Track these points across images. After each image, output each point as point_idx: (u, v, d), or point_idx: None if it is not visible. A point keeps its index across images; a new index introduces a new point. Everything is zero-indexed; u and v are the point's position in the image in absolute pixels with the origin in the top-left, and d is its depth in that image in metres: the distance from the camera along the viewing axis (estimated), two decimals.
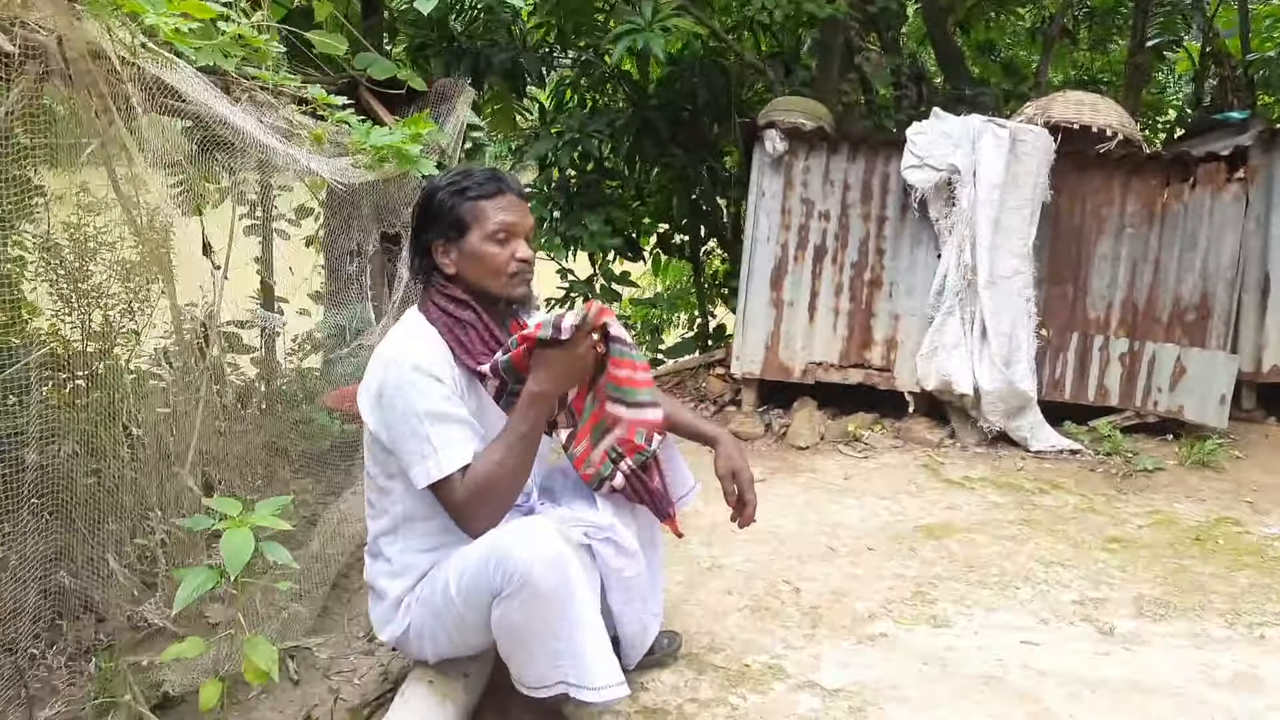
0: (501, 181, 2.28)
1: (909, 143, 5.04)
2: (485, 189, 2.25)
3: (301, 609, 3.17)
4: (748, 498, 2.63)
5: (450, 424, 2.14)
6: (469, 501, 2.12)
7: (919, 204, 5.14)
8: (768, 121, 5.33)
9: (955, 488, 4.53)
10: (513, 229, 2.25)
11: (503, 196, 2.26)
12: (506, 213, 2.25)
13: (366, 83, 3.94)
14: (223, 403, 3.89)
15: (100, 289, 4.88)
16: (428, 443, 2.11)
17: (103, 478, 3.18)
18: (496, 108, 8.54)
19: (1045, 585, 3.44)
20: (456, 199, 2.26)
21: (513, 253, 2.25)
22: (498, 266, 2.25)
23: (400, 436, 2.14)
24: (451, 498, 2.13)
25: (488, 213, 2.24)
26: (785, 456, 5.03)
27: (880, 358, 5.36)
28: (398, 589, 2.32)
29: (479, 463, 2.13)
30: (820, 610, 3.22)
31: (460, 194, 2.26)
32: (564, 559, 2.10)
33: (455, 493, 2.12)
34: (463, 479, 2.11)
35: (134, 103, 2.14)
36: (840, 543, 3.82)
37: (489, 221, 2.23)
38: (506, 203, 2.26)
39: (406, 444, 2.13)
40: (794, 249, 5.40)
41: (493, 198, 2.25)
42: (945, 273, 5.06)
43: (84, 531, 2.99)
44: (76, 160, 2.90)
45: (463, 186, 2.26)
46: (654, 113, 7.56)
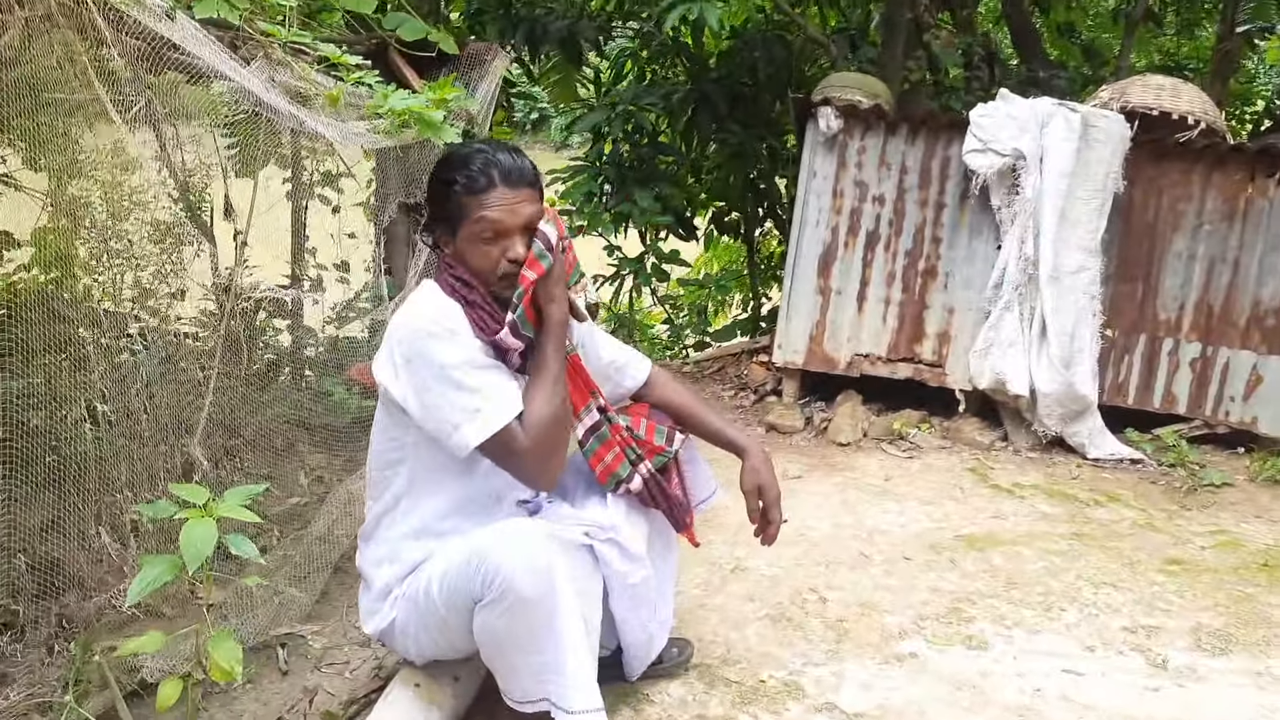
0: (495, 168, 2.04)
1: (972, 125, 4.75)
2: (473, 183, 2.03)
3: (299, 594, 3.03)
4: (773, 516, 2.46)
5: (492, 372, 2.01)
6: (536, 447, 1.99)
7: (980, 191, 4.84)
8: (822, 98, 5.07)
9: (1003, 495, 4.26)
10: (500, 227, 2.03)
11: (493, 190, 2.02)
12: (495, 210, 2.03)
13: (396, 44, 3.75)
14: (243, 372, 3.78)
15: (132, 250, 4.82)
16: (476, 394, 1.96)
17: (102, 446, 3.07)
18: (556, 78, 8.40)
19: (1094, 608, 3.18)
20: (444, 191, 2.07)
21: (503, 252, 2.05)
22: (484, 269, 2.06)
23: (437, 398, 1.97)
24: (515, 447, 1.98)
25: (472, 211, 2.03)
26: (824, 453, 4.79)
27: (931, 352, 5.09)
28: (385, 577, 2.18)
29: (533, 405, 2.01)
30: (847, 624, 3.00)
31: (449, 185, 2.06)
32: (551, 566, 1.94)
33: (518, 441, 1.97)
34: (521, 425, 1.98)
35: (115, 52, 1.96)
36: (875, 549, 3.59)
37: (473, 221, 2.03)
38: (497, 197, 2.03)
39: (446, 404, 1.97)
40: (844, 234, 5.14)
41: (481, 193, 2.03)
42: (1005, 265, 4.77)
43: (77, 503, 2.88)
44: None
45: (448, 178, 2.06)
46: (712, 87, 7.35)
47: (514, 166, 2.06)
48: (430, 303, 2.09)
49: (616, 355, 2.51)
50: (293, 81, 3.06)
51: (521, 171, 2.07)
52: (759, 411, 5.39)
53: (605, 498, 2.37)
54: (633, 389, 2.54)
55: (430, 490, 2.14)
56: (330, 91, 3.07)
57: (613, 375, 2.50)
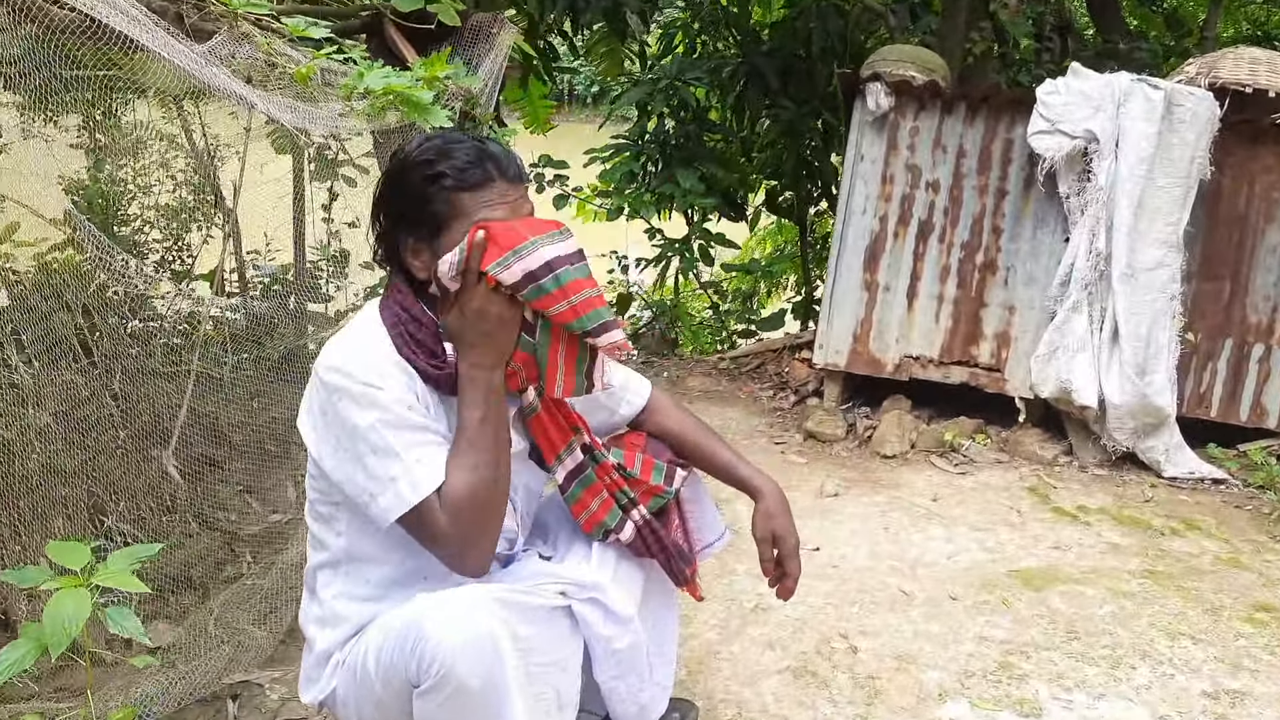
0: (490, 163, 1.70)
1: (1039, 104, 4.27)
2: (468, 176, 1.68)
3: (260, 633, 2.71)
4: (790, 569, 2.09)
5: (415, 433, 1.66)
6: (455, 528, 1.64)
7: (1046, 177, 4.36)
8: (871, 73, 4.61)
9: (1066, 520, 3.81)
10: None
11: (490, 186, 1.69)
12: (493, 208, 1.68)
13: (391, 16, 3.40)
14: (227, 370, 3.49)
15: (142, 231, 4.63)
16: (393, 460, 1.63)
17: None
18: (603, 51, 8.07)
19: (1169, 666, 2.75)
20: (430, 187, 1.69)
21: None
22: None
23: (351, 461, 1.66)
24: (433, 526, 1.63)
25: (469, 209, 1.68)
26: (867, 466, 4.37)
27: (989, 355, 4.63)
28: (326, 641, 1.86)
29: (451, 476, 1.64)
30: (879, 681, 2.62)
31: (434, 180, 1.69)
32: (498, 648, 1.60)
33: (437, 519, 1.63)
34: (440, 500, 1.63)
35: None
36: (917, 586, 3.19)
37: (469, 221, 1.67)
38: (494, 195, 1.69)
39: (361, 469, 1.65)
40: (894, 224, 4.70)
41: (477, 188, 1.68)
42: (1073, 260, 4.29)
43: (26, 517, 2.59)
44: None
45: (438, 171, 1.69)
46: (763, 60, 6.97)
47: (506, 158, 1.73)
48: (360, 341, 1.73)
49: (610, 379, 2.15)
50: (259, 57, 2.73)
51: (516, 165, 1.74)
52: (798, 415, 4.98)
53: (592, 545, 2.02)
54: (630, 416, 2.18)
55: (372, 554, 1.80)
56: (299, 69, 2.72)
57: (605, 402, 2.13)
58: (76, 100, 2.94)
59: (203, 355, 3.38)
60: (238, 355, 3.67)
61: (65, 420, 2.93)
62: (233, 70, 2.41)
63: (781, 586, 2.11)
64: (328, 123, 2.60)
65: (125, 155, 4.25)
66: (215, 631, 2.67)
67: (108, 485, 2.94)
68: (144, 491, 3.03)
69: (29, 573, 1.60)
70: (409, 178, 1.72)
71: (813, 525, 3.66)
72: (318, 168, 4.07)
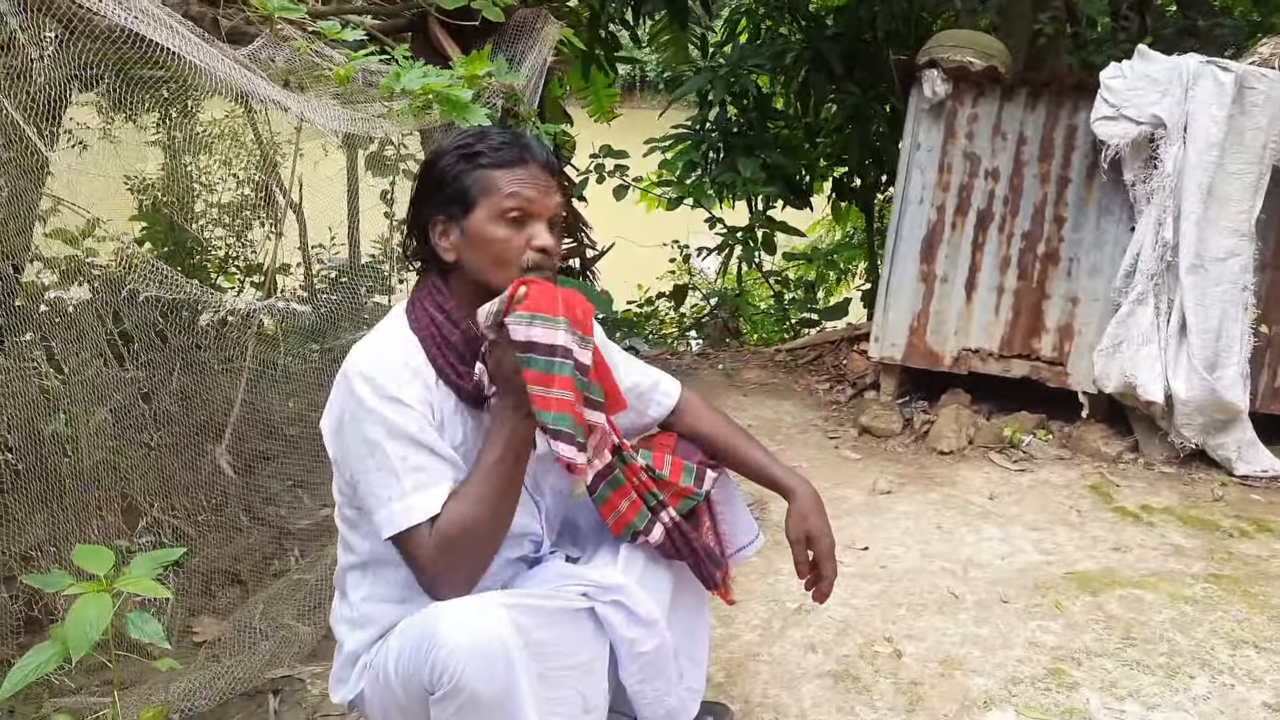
0: (525, 148, 1.76)
1: (1103, 88, 4.11)
2: (501, 155, 1.74)
3: (304, 628, 2.76)
4: (825, 571, 2.07)
5: (421, 456, 1.67)
6: (440, 558, 1.65)
7: (1111, 164, 4.19)
8: (928, 59, 4.49)
9: (1128, 520, 3.69)
10: (531, 208, 1.74)
11: (523, 167, 1.74)
12: (525, 187, 1.73)
13: (436, 13, 3.40)
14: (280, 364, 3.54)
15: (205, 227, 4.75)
16: (394, 482, 1.65)
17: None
18: (667, 39, 8.03)
19: (1229, 676, 2.64)
20: (463, 165, 1.75)
21: (528, 238, 1.74)
22: (506, 255, 1.73)
23: (361, 472, 1.70)
24: (418, 553, 1.66)
25: (500, 185, 1.73)
26: (922, 462, 4.28)
27: (1051, 348, 4.49)
28: (355, 643, 1.88)
29: (451, 505, 1.66)
30: (922, 687, 2.56)
31: (469, 159, 1.75)
32: (506, 653, 1.60)
33: (420, 549, 1.65)
34: (430, 530, 1.64)
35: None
36: (967, 588, 3.11)
37: (501, 196, 1.72)
38: (527, 175, 1.74)
39: (366, 482, 1.69)
40: (952, 213, 4.58)
41: (510, 167, 1.74)
42: (1138, 250, 4.13)
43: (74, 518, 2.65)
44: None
45: (474, 150, 1.75)
46: (828, 44, 6.84)
47: (540, 148, 1.80)
48: (384, 348, 1.76)
49: (640, 380, 2.14)
50: (301, 59, 2.75)
51: (548, 157, 1.80)
52: (854, 409, 4.90)
53: (620, 546, 2.01)
54: (659, 418, 2.17)
55: (393, 557, 1.80)
56: (339, 70, 2.74)
57: (635, 404, 2.12)
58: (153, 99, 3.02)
59: (264, 350, 3.44)
60: (301, 349, 3.74)
61: (125, 415, 3.00)
62: (271, 74, 2.43)
63: (817, 590, 2.08)
64: (365, 124, 2.60)
65: (197, 153, 4.36)
66: (260, 626, 2.72)
67: (162, 479, 3.01)
68: (196, 486, 3.09)
69: (53, 577, 1.65)
70: (443, 162, 1.78)
71: (864, 523, 3.60)
72: (374, 164, 4.12)
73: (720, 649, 2.73)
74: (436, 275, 1.81)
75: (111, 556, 1.66)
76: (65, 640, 1.50)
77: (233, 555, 3.02)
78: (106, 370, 2.93)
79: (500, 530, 1.73)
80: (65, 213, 2.82)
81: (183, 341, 3.11)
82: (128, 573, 1.64)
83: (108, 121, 3.44)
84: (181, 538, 2.91)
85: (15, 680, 1.53)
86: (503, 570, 1.90)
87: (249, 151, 4.49)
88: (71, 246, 2.98)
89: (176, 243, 4.35)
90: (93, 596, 1.57)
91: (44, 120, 2.30)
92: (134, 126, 3.59)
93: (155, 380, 3.10)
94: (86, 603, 1.55)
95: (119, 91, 2.44)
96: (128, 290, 2.86)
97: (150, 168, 4.29)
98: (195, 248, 4.48)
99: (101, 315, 2.86)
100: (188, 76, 2.22)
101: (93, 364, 2.78)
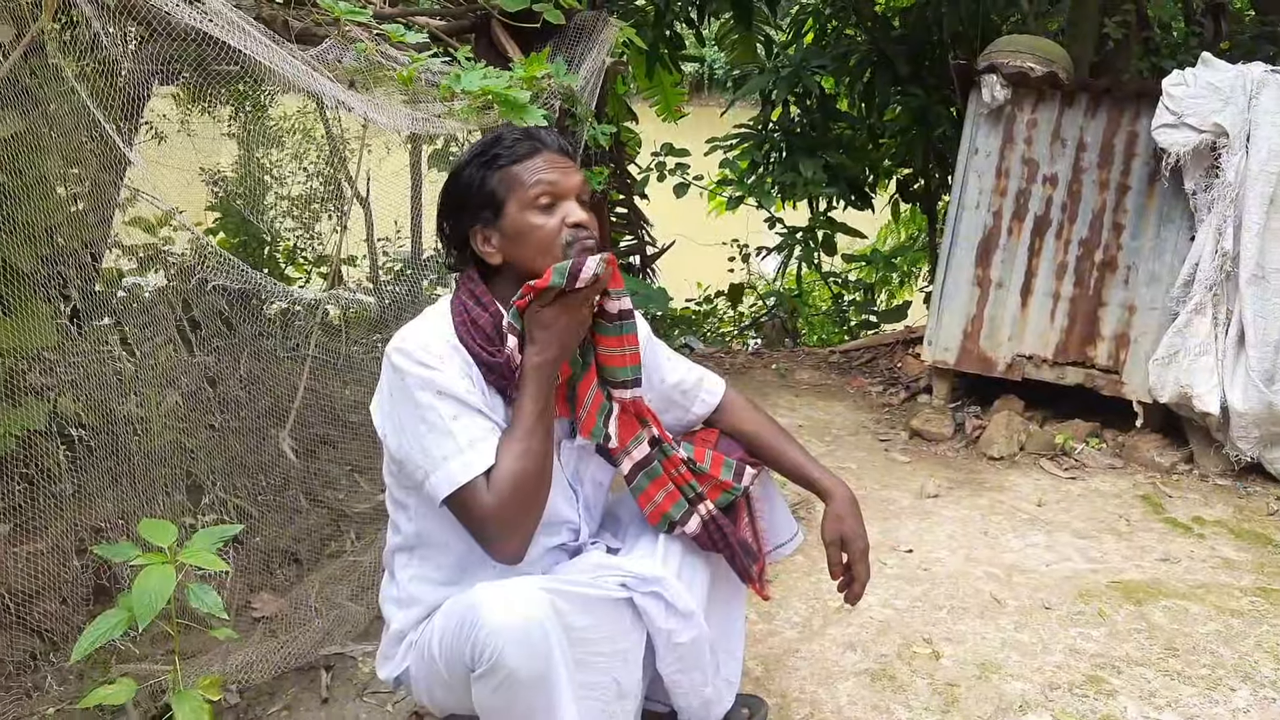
0: (535, 139, 1.86)
1: (1165, 96, 4.06)
2: (517, 151, 1.83)
3: (357, 607, 2.86)
4: (858, 573, 2.12)
5: (470, 415, 1.75)
6: (499, 510, 1.71)
7: (1172, 172, 4.14)
8: (987, 64, 4.48)
9: (1178, 532, 3.66)
10: (557, 189, 1.82)
11: (538, 156, 1.84)
12: (546, 172, 1.82)
13: (499, 16, 3.49)
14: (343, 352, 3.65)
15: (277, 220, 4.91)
16: (447, 439, 1.72)
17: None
18: (734, 39, 8.05)
19: (1272, 690, 2.63)
20: (485, 171, 1.84)
21: (562, 219, 1.82)
22: (546, 240, 1.81)
23: (410, 440, 1.75)
24: (477, 507, 1.71)
25: (522, 177, 1.82)
26: (972, 467, 4.28)
27: (1106, 356, 4.45)
28: (401, 622, 1.97)
29: (501, 460, 1.73)
30: (958, 689, 2.59)
31: (488, 164, 1.84)
32: (545, 635, 1.66)
33: (481, 500, 1.71)
34: (489, 482, 1.71)
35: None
36: (1010, 594, 3.12)
37: (526, 187, 1.81)
38: (544, 162, 1.83)
39: (418, 448, 1.74)
40: (1009, 219, 4.56)
41: (527, 159, 1.83)
42: (1198, 259, 4.07)
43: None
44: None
45: (490, 154, 1.84)
46: (893, 46, 6.81)
47: (551, 136, 1.90)
48: (429, 326, 1.86)
49: (684, 377, 2.19)
50: (365, 60, 2.85)
51: (560, 141, 1.89)
52: (906, 412, 4.90)
53: (658, 539, 2.07)
54: (703, 415, 2.23)
55: (441, 538, 1.89)
56: (401, 72, 2.84)
57: (678, 400, 2.19)
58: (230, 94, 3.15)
59: (328, 339, 3.56)
60: (366, 339, 3.86)
61: (194, 399, 3.13)
62: (337, 74, 2.52)
63: (849, 591, 2.13)
64: (427, 123, 2.69)
65: (270, 146, 4.51)
66: (316, 605, 2.82)
67: (227, 461, 3.13)
68: (259, 468, 3.21)
69: (121, 548, 1.75)
70: (465, 173, 1.86)
71: (909, 526, 3.62)
72: (438, 161, 4.22)
73: (760, 644, 2.77)
74: (474, 269, 1.90)
75: (174, 530, 1.76)
76: (131, 608, 1.60)
77: (292, 535, 3.13)
78: (177, 355, 3.06)
79: (548, 478, 1.79)
80: (143, 202, 2.95)
81: (251, 329, 3.22)
82: (189, 547, 1.74)
83: (185, 114, 3.59)
84: (244, 517, 3.02)
85: (85, 644, 1.63)
86: (543, 558, 1.96)
87: (319, 146, 4.64)
88: (149, 235, 3.11)
89: (248, 233, 4.50)
90: (157, 568, 1.67)
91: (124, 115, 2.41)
92: (210, 120, 3.74)
93: (223, 366, 3.22)
94: (151, 573, 1.65)
95: (197, 86, 2.57)
96: (197, 279, 2.98)
97: (224, 160, 4.45)
98: (265, 239, 4.63)
99: (173, 303, 2.99)
100: (261, 73, 2.33)
101: (164, 349, 2.90)
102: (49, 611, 2.23)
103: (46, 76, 2.25)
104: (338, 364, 3.58)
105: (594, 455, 2.03)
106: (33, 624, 2.26)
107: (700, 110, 15.43)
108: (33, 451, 2.31)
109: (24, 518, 2.29)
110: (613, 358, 1.93)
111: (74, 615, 2.39)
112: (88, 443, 2.48)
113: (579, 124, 3.47)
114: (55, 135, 2.26)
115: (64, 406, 2.39)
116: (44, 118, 2.19)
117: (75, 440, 2.43)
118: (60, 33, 2.09)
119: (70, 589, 2.27)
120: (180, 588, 1.70)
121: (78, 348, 2.55)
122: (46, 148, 2.16)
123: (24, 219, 2.25)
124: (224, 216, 4.46)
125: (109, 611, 1.66)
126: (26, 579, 2.21)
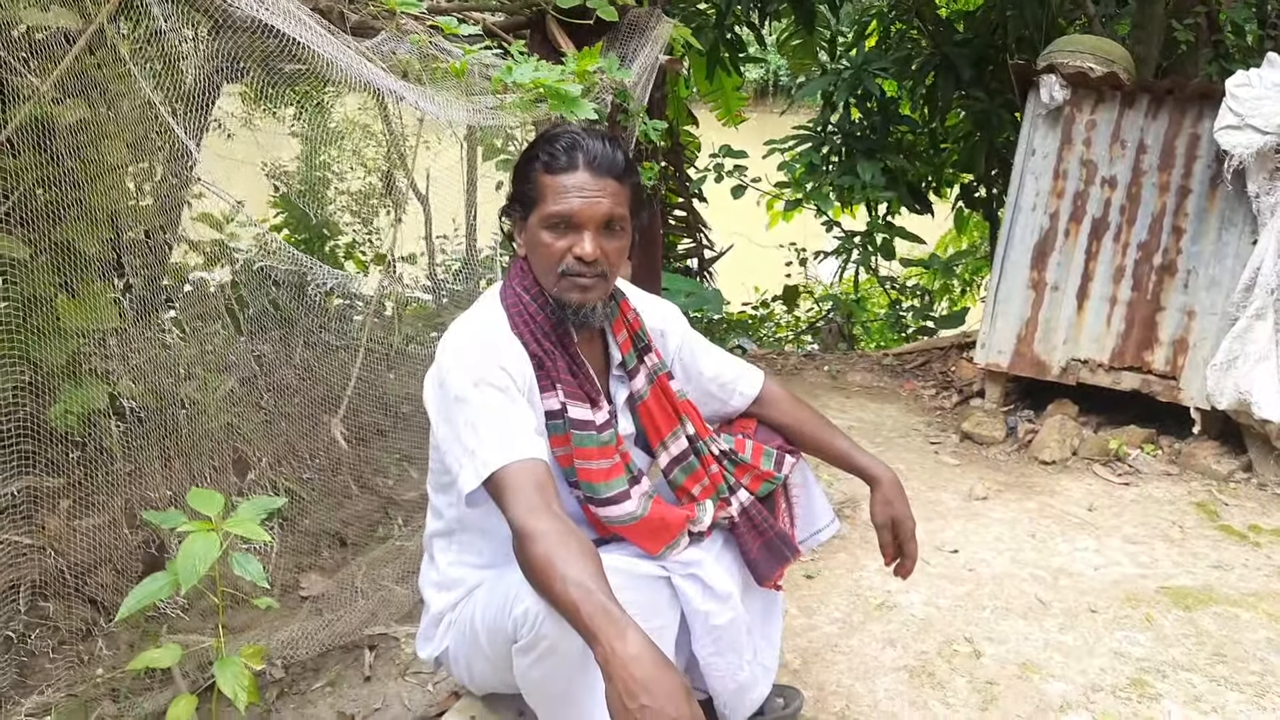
0: (579, 151, 1.79)
1: (1228, 97, 3.98)
2: (554, 160, 1.80)
3: (401, 590, 2.92)
4: (908, 550, 2.16)
5: (515, 409, 1.75)
6: (526, 561, 1.61)
7: (1234, 175, 4.06)
8: (1046, 65, 4.43)
9: (1233, 540, 3.58)
10: (575, 218, 1.78)
11: (574, 173, 1.78)
12: (570, 196, 1.78)
13: (553, 12, 3.55)
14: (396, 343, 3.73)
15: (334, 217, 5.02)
16: (476, 431, 1.71)
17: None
18: (796, 43, 8.03)
19: None
20: (530, 164, 1.84)
21: (569, 247, 1.80)
22: (549, 261, 1.82)
23: (449, 434, 1.78)
24: (510, 507, 1.66)
25: (547, 192, 1.80)
26: (1023, 471, 4.23)
27: (1164, 362, 4.37)
28: (441, 603, 2.02)
29: (553, 571, 1.55)
30: (998, 687, 2.57)
31: (532, 158, 1.84)
32: None
33: (514, 505, 1.65)
34: (533, 540, 1.59)
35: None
36: (1055, 596, 3.09)
37: (546, 204, 1.80)
38: (576, 182, 1.78)
39: (456, 442, 1.76)
40: (1065, 221, 4.50)
41: (560, 173, 1.79)
42: (1259, 264, 3.98)
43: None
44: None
45: (536, 150, 1.84)
46: (955, 50, 6.74)
47: (602, 153, 1.81)
48: (475, 317, 1.90)
49: (722, 370, 2.21)
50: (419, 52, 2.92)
51: (610, 161, 1.81)
52: (958, 416, 4.86)
53: None
54: (741, 408, 2.25)
55: (480, 524, 1.93)
56: (454, 64, 2.90)
57: (717, 393, 2.21)
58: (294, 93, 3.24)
59: (383, 331, 3.64)
60: (421, 334, 3.94)
61: (251, 384, 3.23)
62: (392, 66, 2.59)
63: (900, 567, 2.17)
64: (481, 115, 2.75)
65: (330, 144, 4.62)
66: (361, 586, 2.89)
67: (281, 445, 3.22)
68: (312, 453, 3.29)
69: (170, 515, 1.82)
70: (521, 159, 1.88)
71: (956, 527, 3.59)
72: (493, 154, 4.28)
73: (799, 638, 2.78)
74: (523, 258, 1.91)
75: (222, 500, 1.82)
76: (176, 572, 1.67)
77: (341, 519, 3.21)
78: (238, 343, 3.16)
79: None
80: (210, 197, 3.04)
81: (310, 321, 3.30)
82: (234, 517, 1.80)
83: (249, 112, 3.69)
84: (295, 500, 3.11)
85: (130, 604, 1.70)
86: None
87: (379, 143, 4.73)
88: (215, 230, 3.20)
89: (309, 228, 4.61)
90: (202, 535, 1.73)
91: (192, 108, 2.49)
92: (274, 119, 3.84)
93: (281, 355, 3.31)
94: (196, 539, 1.71)
95: (262, 84, 2.65)
96: (259, 268, 3.07)
97: (285, 157, 4.57)
98: (326, 233, 4.74)
99: (234, 296, 3.08)
100: (322, 69, 2.40)
101: (220, 334, 3.00)
102: (103, 583, 2.31)
103: (118, 70, 2.35)
104: (392, 356, 3.65)
105: (634, 448, 2.06)
106: (89, 594, 2.35)
107: (762, 116, 15.42)
108: (93, 430, 2.41)
109: (84, 493, 2.38)
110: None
111: (128, 587, 2.48)
112: (145, 423, 2.57)
113: (630, 119, 3.51)
114: (121, 126, 2.35)
115: (123, 389, 2.48)
116: (110, 108, 2.27)
117: (135, 420, 2.52)
118: (124, 23, 2.18)
119: (124, 561, 2.36)
120: (225, 556, 1.76)
121: (140, 334, 2.65)
122: (112, 136, 2.25)
123: (96, 206, 2.35)
124: (286, 211, 4.57)
125: (154, 574, 1.73)
126: (84, 551, 2.30)
